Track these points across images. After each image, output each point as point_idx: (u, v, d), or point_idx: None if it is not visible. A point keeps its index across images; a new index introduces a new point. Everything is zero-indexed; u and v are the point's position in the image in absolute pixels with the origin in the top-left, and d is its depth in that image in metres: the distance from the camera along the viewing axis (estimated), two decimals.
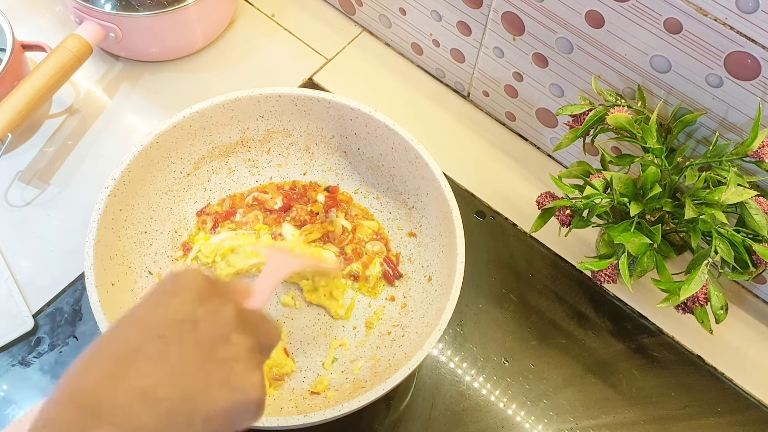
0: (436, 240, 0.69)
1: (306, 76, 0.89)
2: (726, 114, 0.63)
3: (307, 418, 0.56)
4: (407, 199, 0.74)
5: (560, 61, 0.72)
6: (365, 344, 0.69)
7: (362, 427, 0.68)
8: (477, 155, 0.84)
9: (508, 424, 0.68)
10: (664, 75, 0.64)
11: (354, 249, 0.73)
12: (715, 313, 0.61)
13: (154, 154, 0.68)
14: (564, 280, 0.76)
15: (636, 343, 0.73)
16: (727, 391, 0.71)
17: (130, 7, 0.80)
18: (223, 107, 0.70)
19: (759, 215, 0.59)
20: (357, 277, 0.72)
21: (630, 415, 0.69)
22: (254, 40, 0.92)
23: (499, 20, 0.74)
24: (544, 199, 0.68)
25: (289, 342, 0.69)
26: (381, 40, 0.92)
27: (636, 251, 0.61)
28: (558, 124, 0.79)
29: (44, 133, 0.83)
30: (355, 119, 0.71)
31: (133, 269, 0.68)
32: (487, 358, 0.71)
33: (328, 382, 0.66)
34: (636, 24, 0.62)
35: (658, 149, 0.62)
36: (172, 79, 0.88)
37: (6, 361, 0.69)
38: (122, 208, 0.66)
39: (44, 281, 0.73)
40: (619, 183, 0.62)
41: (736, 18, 0.56)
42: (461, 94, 0.88)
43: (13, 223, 0.77)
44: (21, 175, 0.80)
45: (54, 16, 0.92)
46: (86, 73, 0.87)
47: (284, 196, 0.75)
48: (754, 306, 0.76)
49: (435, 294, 0.67)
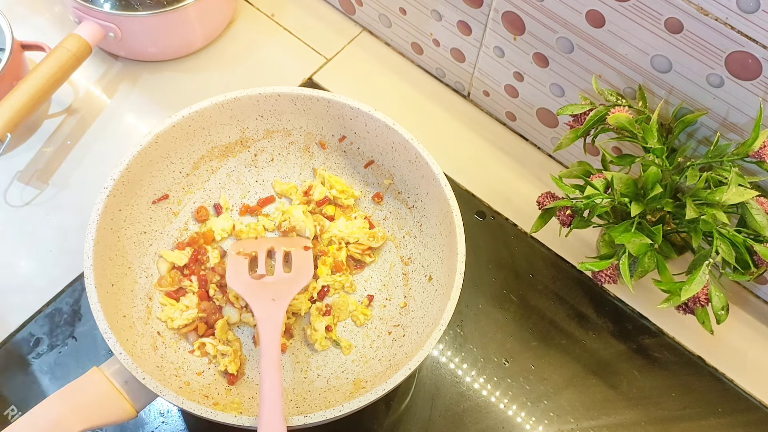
0: (437, 239, 0.69)
1: (306, 75, 0.89)
2: (727, 114, 0.63)
3: (308, 418, 0.56)
4: (407, 198, 0.73)
5: (561, 61, 0.71)
6: (365, 344, 0.69)
7: (362, 428, 0.68)
8: (477, 155, 0.84)
9: (509, 425, 0.68)
10: (665, 75, 0.64)
11: None
12: (716, 314, 0.61)
13: (154, 154, 0.68)
14: (564, 280, 0.76)
15: (637, 344, 0.73)
16: (728, 392, 0.71)
17: (129, 7, 0.80)
18: (223, 107, 0.70)
19: (760, 215, 0.59)
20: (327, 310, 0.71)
21: (631, 416, 0.69)
22: (254, 39, 0.92)
23: (499, 20, 0.74)
24: (545, 199, 0.68)
25: (290, 343, 0.69)
26: (381, 40, 0.92)
27: (637, 251, 0.60)
28: (558, 124, 0.79)
29: (43, 133, 0.83)
30: (354, 118, 0.71)
31: (133, 269, 0.68)
32: (487, 359, 0.71)
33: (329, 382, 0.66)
34: (637, 24, 0.62)
35: (659, 149, 0.62)
36: (172, 78, 0.88)
37: (5, 362, 0.69)
38: (122, 208, 0.66)
39: (43, 281, 0.73)
40: (619, 183, 0.62)
41: (737, 18, 0.56)
42: (461, 94, 0.88)
43: (12, 224, 0.77)
44: (20, 175, 0.80)
45: (53, 16, 0.92)
46: (85, 73, 0.87)
47: None
48: (755, 306, 0.76)
49: (435, 294, 0.67)
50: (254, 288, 0.66)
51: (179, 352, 0.66)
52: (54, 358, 0.69)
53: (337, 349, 0.69)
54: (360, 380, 0.65)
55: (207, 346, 0.66)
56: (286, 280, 0.67)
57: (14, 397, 0.67)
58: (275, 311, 0.63)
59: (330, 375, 0.67)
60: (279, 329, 0.61)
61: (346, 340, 0.69)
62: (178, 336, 0.68)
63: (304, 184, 0.76)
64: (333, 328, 0.69)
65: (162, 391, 0.56)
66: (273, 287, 0.66)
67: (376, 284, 0.73)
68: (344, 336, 0.69)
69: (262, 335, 0.60)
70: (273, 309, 0.63)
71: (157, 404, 0.68)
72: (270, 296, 0.64)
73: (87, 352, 0.70)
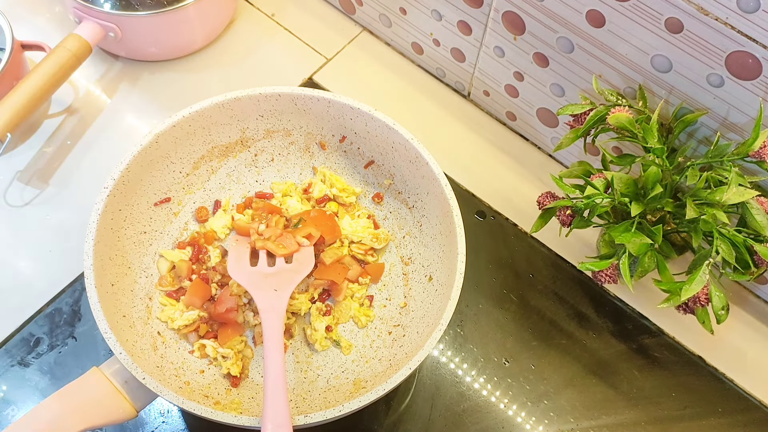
0: (437, 239, 0.69)
1: (306, 75, 0.89)
2: (727, 114, 0.63)
3: (308, 418, 0.56)
4: (407, 198, 0.73)
5: (561, 61, 0.71)
6: (366, 344, 0.69)
7: (362, 428, 0.68)
8: (477, 155, 0.84)
9: (509, 425, 0.68)
10: (665, 74, 0.64)
11: None
12: (716, 314, 0.61)
13: (154, 154, 0.68)
14: (565, 280, 0.76)
15: (637, 344, 0.73)
16: (728, 392, 0.71)
17: (129, 7, 0.80)
18: (223, 107, 0.70)
19: (760, 215, 0.59)
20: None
21: (631, 416, 0.69)
22: (254, 39, 0.92)
23: (499, 20, 0.74)
24: (545, 199, 0.68)
25: (290, 343, 0.69)
26: (381, 40, 0.92)
27: (637, 251, 0.60)
28: (559, 123, 0.79)
29: (43, 133, 0.83)
30: (355, 118, 0.71)
31: (133, 269, 0.68)
32: (487, 359, 0.71)
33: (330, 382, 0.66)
34: (637, 23, 0.62)
35: (659, 149, 0.62)
36: (172, 78, 0.88)
37: (5, 362, 0.69)
38: (122, 208, 0.66)
39: (43, 281, 0.73)
40: (620, 183, 0.62)
41: (737, 17, 0.56)
42: (462, 94, 0.88)
43: (12, 224, 0.77)
44: (20, 175, 0.79)
45: (53, 16, 0.92)
46: (85, 73, 0.87)
47: None
48: (755, 306, 0.76)
49: (435, 294, 0.67)
50: (256, 279, 0.65)
51: (179, 352, 0.66)
52: (54, 358, 0.69)
53: (337, 349, 0.69)
54: (360, 380, 0.65)
55: (207, 347, 0.66)
56: (287, 270, 0.67)
57: (14, 397, 0.67)
58: (278, 301, 0.63)
59: (330, 375, 0.67)
60: (282, 318, 0.61)
61: (346, 340, 0.69)
62: (178, 336, 0.67)
63: (303, 183, 0.76)
64: (333, 328, 0.69)
65: (162, 391, 0.56)
66: (274, 278, 0.65)
67: (376, 284, 0.73)
68: (344, 336, 0.69)
69: (265, 325, 0.60)
70: (276, 299, 0.63)
71: (157, 404, 0.68)
72: (272, 287, 0.64)
73: (87, 352, 0.70)
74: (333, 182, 0.75)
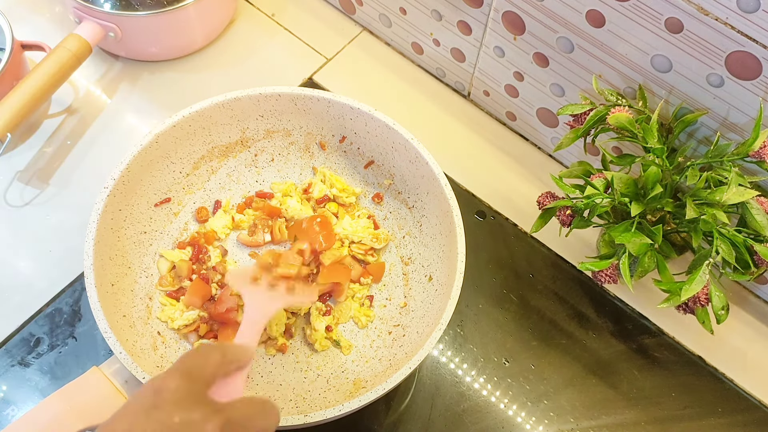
0: (437, 239, 0.69)
1: (306, 75, 0.89)
2: (727, 114, 0.63)
3: (308, 418, 0.56)
4: (407, 198, 0.73)
5: (561, 61, 0.71)
6: (366, 344, 0.69)
7: (362, 428, 0.68)
8: (477, 155, 0.84)
9: (509, 425, 0.68)
10: (665, 74, 0.64)
11: None
12: (716, 314, 0.61)
13: (154, 154, 0.68)
14: (564, 280, 0.76)
15: (637, 344, 0.73)
16: (728, 392, 0.71)
17: (129, 7, 0.80)
18: (223, 107, 0.70)
19: (760, 215, 0.59)
20: None
21: (631, 416, 0.69)
22: (254, 39, 0.92)
23: (499, 20, 0.74)
24: (545, 199, 0.68)
25: (290, 343, 0.69)
26: (381, 40, 0.92)
27: (637, 251, 0.60)
28: (559, 123, 0.79)
29: (43, 133, 0.83)
30: (355, 118, 0.71)
31: (133, 269, 0.68)
32: (487, 359, 0.71)
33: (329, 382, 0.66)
34: (637, 23, 0.62)
35: (659, 149, 0.62)
36: (172, 78, 0.88)
37: (5, 362, 0.69)
38: (122, 208, 0.66)
39: (43, 281, 0.73)
40: (620, 183, 0.62)
41: (737, 17, 0.56)
42: (462, 94, 0.88)
43: (12, 224, 0.77)
44: (20, 175, 0.80)
45: (53, 16, 0.92)
46: (85, 73, 0.87)
47: None
48: (755, 306, 0.76)
49: (435, 294, 0.67)
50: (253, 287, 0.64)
51: (179, 352, 0.66)
52: (54, 358, 0.69)
53: (337, 349, 0.69)
54: (360, 380, 0.65)
55: None
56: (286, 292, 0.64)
57: (14, 397, 0.67)
58: (268, 302, 0.60)
59: (330, 375, 0.67)
60: (265, 318, 0.58)
61: (346, 340, 0.69)
62: (179, 336, 0.67)
63: (303, 183, 0.76)
64: (333, 328, 0.69)
65: None
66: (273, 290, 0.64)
67: (376, 284, 0.73)
68: (344, 336, 0.69)
69: (245, 315, 0.57)
70: (266, 300, 0.60)
71: None
72: (268, 293, 0.63)
73: (87, 352, 0.70)
74: (333, 182, 0.75)
